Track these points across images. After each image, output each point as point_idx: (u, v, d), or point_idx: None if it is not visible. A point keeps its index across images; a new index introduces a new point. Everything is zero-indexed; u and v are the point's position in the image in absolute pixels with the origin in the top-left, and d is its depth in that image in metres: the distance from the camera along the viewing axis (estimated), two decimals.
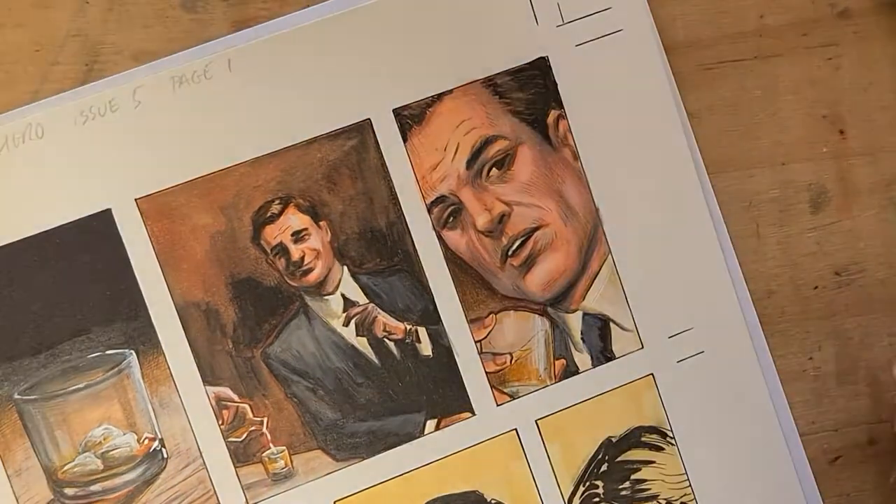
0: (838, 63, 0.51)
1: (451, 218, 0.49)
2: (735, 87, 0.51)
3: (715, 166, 0.51)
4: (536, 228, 0.50)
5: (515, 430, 0.50)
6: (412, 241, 0.49)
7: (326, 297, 0.49)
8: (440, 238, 0.49)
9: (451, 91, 0.49)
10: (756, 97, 0.51)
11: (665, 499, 0.51)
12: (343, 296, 0.49)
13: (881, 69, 0.52)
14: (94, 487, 0.48)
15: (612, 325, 0.50)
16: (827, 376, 0.52)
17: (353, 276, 0.49)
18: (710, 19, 0.51)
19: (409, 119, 0.49)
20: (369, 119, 0.49)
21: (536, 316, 0.50)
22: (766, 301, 0.51)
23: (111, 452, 0.48)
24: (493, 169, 0.49)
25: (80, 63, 0.47)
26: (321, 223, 0.49)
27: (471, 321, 0.49)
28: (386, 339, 0.49)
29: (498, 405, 0.50)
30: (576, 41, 0.49)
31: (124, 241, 0.47)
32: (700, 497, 0.51)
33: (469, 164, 0.49)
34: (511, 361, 0.50)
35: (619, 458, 0.50)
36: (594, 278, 0.50)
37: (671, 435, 0.51)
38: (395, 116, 0.49)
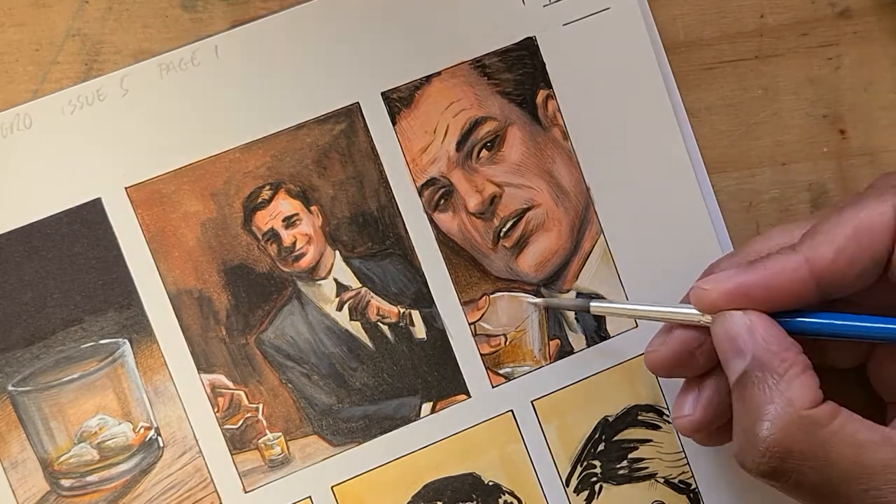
0: (838, 63, 0.51)
1: (443, 200, 0.49)
2: (735, 87, 0.51)
3: (715, 166, 0.51)
4: (528, 209, 0.50)
5: (511, 411, 0.50)
6: (403, 224, 0.49)
7: (319, 282, 0.49)
8: (431, 221, 0.49)
9: (439, 73, 0.49)
10: (756, 97, 0.51)
11: (663, 477, 0.51)
12: (336, 280, 0.49)
13: (881, 69, 0.52)
14: (90, 478, 0.48)
15: None
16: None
17: (346, 260, 0.49)
18: (710, 19, 0.51)
19: (398, 102, 0.49)
20: (358, 103, 0.49)
21: (530, 297, 0.50)
22: None
23: (107, 442, 0.48)
24: (483, 150, 0.49)
25: (79, 62, 0.47)
26: (312, 208, 0.49)
27: (464, 303, 0.49)
28: (380, 323, 0.49)
29: (493, 387, 0.50)
30: (563, 20, 0.49)
31: (115, 229, 0.47)
32: (698, 475, 0.51)
33: (459, 145, 0.49)
34: (505, 343, 0.50)
35: (615, 438, 0.50)
36: (587, 258, 0.50)
37: (667, 413, 0.50)
38: (384, 100, 0.49)
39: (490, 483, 0.50)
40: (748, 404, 0.39)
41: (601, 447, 0.50)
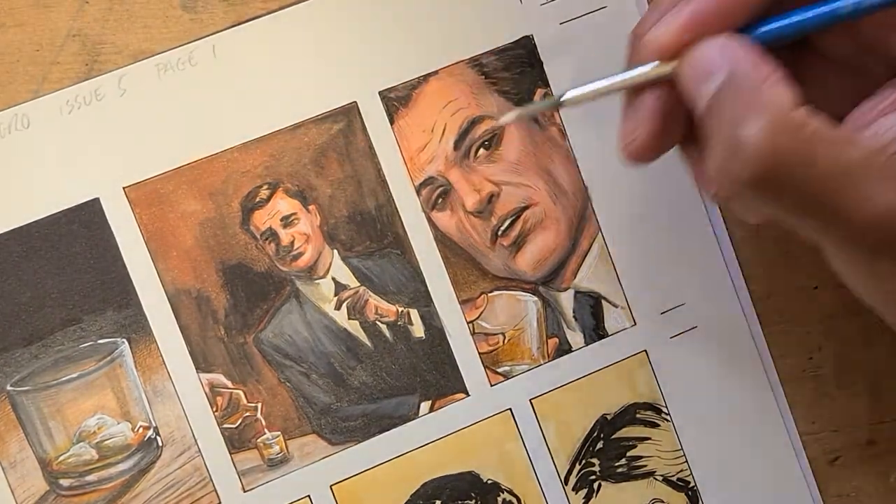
0: None
1: (440, 199, 0.49)
2: None
3: None
4: (526, 207, 0.50)
5: (510, 409, 0.50)
6: (402, 223, 0.49)
7: (317, 281, 0.49)
8: (430, 219, 0.49)
9: (436, 72, 0.49)
10: None
11: (661, 475, 0.51)
12: (334, 279, 0.49)
13: None
14: (89, 477, 0.48)
15: (603, 302, 0.50)
16: (827, 376, 0.52)
17: (344, 259, 0.49)
18: None
19: (396, 101, 0.49)
20: (356, 102, 0.49)
21: (528, 295, 0.50)
22: (765, 301, 0.51)
23: (106, 442, 0.48)
24: (481, 149, 0.49)
25: (80, 63, 0.47)
26: (310, 207, 0.49)
27: (462, 302, 0.49)
28: (378, 322, 0.49)
29: (492, 385, 0.50)
30: (560, 19, 0.49)
31: (113, 229, 0.47)
32: (696, 472, 0.51)
33: (456, 144, 0.49)
34: (504, 341, 0.50)
35: (614, 436, 0.50)
36: (585, 256, 0.50)
37: (666, 411, 0.51)
38: (382, 99, 0.49)
39: (489, 481, 0.50)
40: (726, 117, 0.36)
41: (600, 445, 0.50)
